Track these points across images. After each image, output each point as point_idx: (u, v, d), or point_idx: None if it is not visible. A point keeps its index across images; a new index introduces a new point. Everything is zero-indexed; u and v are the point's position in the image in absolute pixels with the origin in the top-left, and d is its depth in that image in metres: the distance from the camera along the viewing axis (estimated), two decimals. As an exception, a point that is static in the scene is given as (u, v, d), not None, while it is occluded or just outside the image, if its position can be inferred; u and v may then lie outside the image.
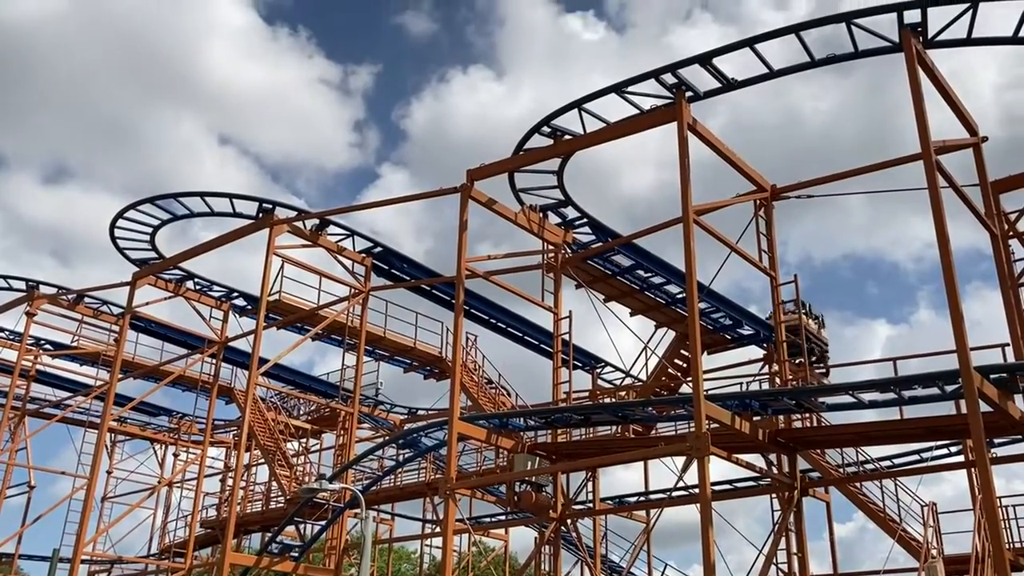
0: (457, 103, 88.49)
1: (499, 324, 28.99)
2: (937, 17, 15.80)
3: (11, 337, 31.88)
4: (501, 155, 20.44)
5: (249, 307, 29.89)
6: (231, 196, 24.90)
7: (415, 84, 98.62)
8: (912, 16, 15.63)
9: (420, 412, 34.96)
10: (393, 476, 26.42)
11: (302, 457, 31.23)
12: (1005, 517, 19.49)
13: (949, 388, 14.42)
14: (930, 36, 15.86)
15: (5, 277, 30.45)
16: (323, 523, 24.18)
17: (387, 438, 29.49)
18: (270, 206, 24.65)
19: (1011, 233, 18.06)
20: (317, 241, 25.23)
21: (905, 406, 15.82)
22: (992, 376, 13.83)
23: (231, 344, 30.23)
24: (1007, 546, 16.26)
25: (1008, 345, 16.13)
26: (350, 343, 26.19)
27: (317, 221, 25.11)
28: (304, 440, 33.00)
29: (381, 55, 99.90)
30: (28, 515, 32.78)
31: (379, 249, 26.31)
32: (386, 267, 26.88)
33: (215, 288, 29.74)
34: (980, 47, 16.58)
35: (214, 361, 30.13)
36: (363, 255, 26.30)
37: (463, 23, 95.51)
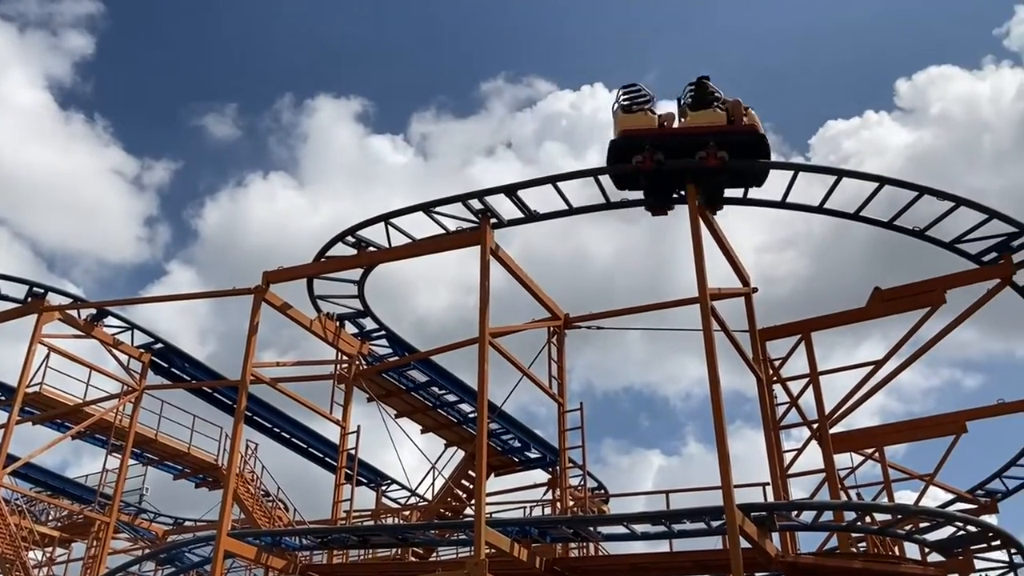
0: (254, 208, 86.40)
1: (283, 434, 27.82)
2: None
3: None
4: (297, 263, 20.11)
5: (2, 398, 27.04)
6: (-6, 275, 22.82)
7: (212, 185, 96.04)
8: (698, 173, 17.06)
9: (187, 523, 32.48)
10: (149, 594, 24.17)
11: (45, 568, 28.00)
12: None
13: (715, 523, 15.10)
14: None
15: None
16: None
17: (147, 551, 27.05)
18: (42, 291, 22.78)
19: (775, 378, 19.58)
20: (91, 332, 23.44)
21: (676, 539, 16.39)
22: (753, 514, 14.63)
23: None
24: None
25: (768, 484, 17.23)
26: (116, 444, 24.17)
27: (94, 311, 23.39)
28: (50, 549, 29.66)
29: (181, 153, 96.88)
30: None
31: (159, 345, 24.80)
32: (165, 365, 25.31)
33: (-36, 375, 26.77)
34: (753, 207, 18.26)
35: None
36: (141, 351, 24.64)
37: (266, 132, 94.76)
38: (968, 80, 73.77)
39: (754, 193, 17.74)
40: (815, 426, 18.89)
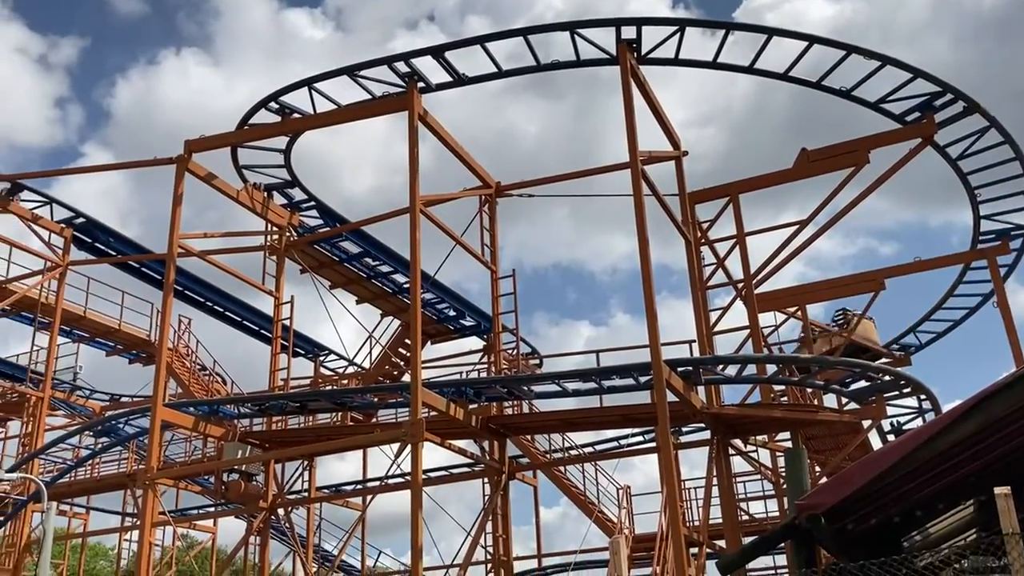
0: (168, 88, 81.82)
1: (216, 308, 27.58)
2: (650, 36, 17.14)
3: None
4: (217, 141, 19.41)
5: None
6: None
7: (121, 63, 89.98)
8: (628, 32, 16.79)
9: (124, 399, 32.40)
10: (90, 467, 24.28)
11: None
12: (687, 498, 21.56)
13: (643, 379, 15.63)
14: (643, 53, 17.13)
15: None
16: (1, 518, 21.73)
17: (81, 425, 27.04)
18: (-51, 164, 21.75)
19: (703, 240, 19.94)
20: (7, 207, 22.60)
21: (605, 395, 16.96)
22: (679, 369, 15.17)
23: None
24: (688, 524, 17.99)
25: (694, 342, 17.81)
26: (43, 321, 23.73)
27: (8, 185, 22.49)
28: (-15, 429, 29.43)
29: (87, 29, 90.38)
30: None
31: (81, 220, 24.07)
32: (89, 240, 24.65)
33: None
34: (685, 67, 18.13)
35: None
36: (62, 226, 23.92)
37: (175, 8, 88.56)
38: (888, -45, 72.90)
39: (685, 54, 17.61)
40: (740, 286, 19.42)
